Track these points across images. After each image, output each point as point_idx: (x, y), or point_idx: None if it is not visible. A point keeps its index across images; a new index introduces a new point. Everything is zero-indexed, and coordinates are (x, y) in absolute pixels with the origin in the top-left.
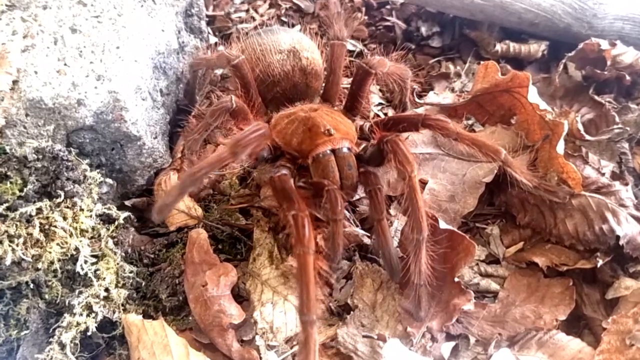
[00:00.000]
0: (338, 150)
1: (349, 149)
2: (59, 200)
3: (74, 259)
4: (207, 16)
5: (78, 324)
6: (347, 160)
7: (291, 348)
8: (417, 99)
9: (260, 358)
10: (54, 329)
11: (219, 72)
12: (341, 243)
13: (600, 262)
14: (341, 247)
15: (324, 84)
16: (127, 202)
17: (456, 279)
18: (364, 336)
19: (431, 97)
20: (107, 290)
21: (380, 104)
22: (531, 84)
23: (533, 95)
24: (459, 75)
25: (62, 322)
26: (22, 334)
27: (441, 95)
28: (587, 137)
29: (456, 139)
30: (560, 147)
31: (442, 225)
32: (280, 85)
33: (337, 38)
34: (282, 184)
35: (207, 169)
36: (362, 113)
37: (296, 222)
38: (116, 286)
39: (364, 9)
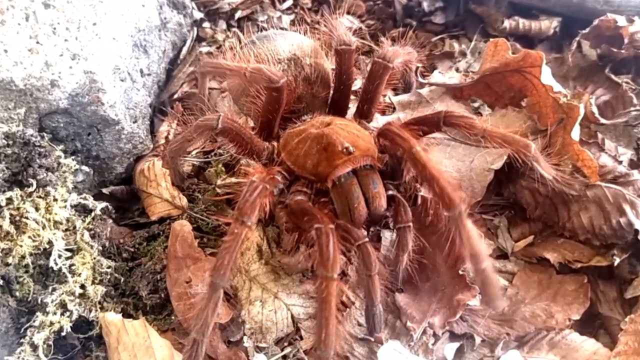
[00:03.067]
0: (360, 169)
1: (371, 166)
2: (30, 189)
3: (47, 253)
4: None
5: (51, 323)
6: (370, 178)
7: (282, 350)
8: (420, 79)
9: None
10: (26, 329)
11: (204, 49)
12: (378, 296)
13: (617, 260)
14: (379, 299)
15: (332, 92)
16: (104, 190)
17: (461, 272)
18: (360, 339)
19: (436, 76)
20: (82, 286)
21: None
22: (544, 63)
23: (546, 76)
24: (464, 54)
25: (34, 321)
26: None
27: (447, 75)
28: (603, 120)
29: (483, 136)
30: (576, 133)
31: None
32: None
33: (344, 43)
34: (299, 205)
35: (231, 256)
36: (379, 110)
37: (319, 238)
38: (93, 282)
39: None
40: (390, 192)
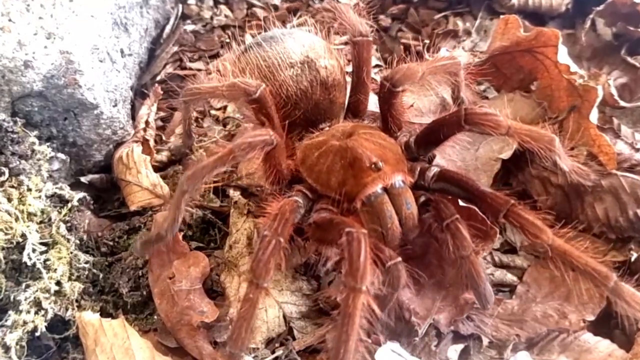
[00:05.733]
0: (391, 186)
1: (403, 181)
2: (2, 178)
3: (20, 247)
4: None
5: (25, 322)
6: (403, 197)
7: (273, 352)
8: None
9: None
10: None
11: (189, 28)
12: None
13: (634, 255)
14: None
15: (350, 95)
16: (82, 179)
17: None
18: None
19: (442, 54)
20: (58, 283)
21: (377, 65)
22: (560, 42)
23: (563, 55)
24: (468, 33)
25: (6, 320)
26: None
27: (454, 53)
28: (622, 103)
29: (507, 134)
30: (594, 116)
31: (461, 203)
32: (299, 108)
33: (360, 34)
34: (324, 219)
35: (249, 325)
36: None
37: (350, 244)
38: (69, 279)
39: None
40: (422, 199)
